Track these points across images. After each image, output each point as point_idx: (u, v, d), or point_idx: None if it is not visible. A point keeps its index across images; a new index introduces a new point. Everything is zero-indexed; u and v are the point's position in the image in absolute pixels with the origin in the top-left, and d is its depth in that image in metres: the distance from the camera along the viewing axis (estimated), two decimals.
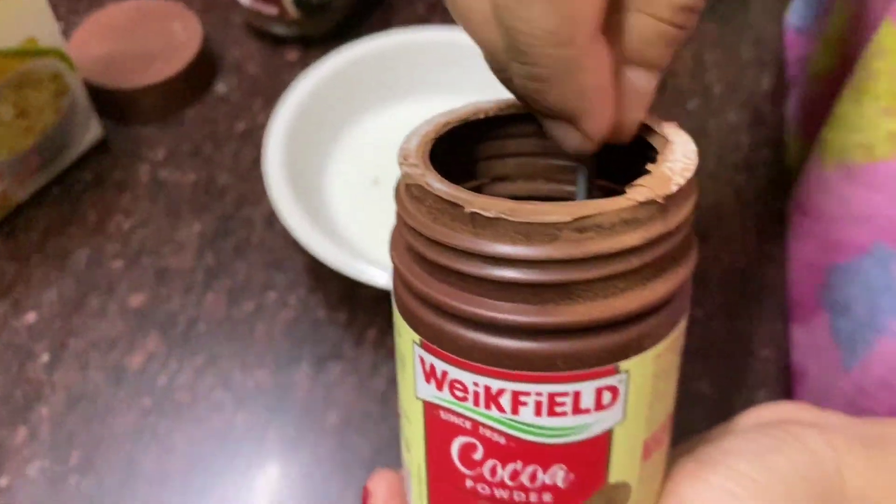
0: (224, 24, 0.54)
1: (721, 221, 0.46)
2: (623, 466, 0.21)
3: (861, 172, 0.38)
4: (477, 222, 0.18)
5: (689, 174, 0.19)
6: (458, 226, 0.18)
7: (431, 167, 0.20)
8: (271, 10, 0.51)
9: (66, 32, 0.52)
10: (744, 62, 0.53)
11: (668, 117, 0.22)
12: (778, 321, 0.42)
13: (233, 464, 0.38)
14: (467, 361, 0.19)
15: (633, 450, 0.21)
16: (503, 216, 0.18)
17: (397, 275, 0.21)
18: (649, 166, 0.19)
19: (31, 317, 0.42)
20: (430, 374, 0.20)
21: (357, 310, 0.42)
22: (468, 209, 0.18)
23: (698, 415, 0.39)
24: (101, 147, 0.48)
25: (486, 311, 0.18)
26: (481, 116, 0.23)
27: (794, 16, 0.53)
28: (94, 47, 0.49)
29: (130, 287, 0.43)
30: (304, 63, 0.52)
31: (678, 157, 0.20)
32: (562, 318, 0.18)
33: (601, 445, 0.20)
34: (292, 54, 0.53)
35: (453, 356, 0.19)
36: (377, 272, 0.38)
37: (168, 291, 0.43)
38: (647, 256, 0.18)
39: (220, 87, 0.51)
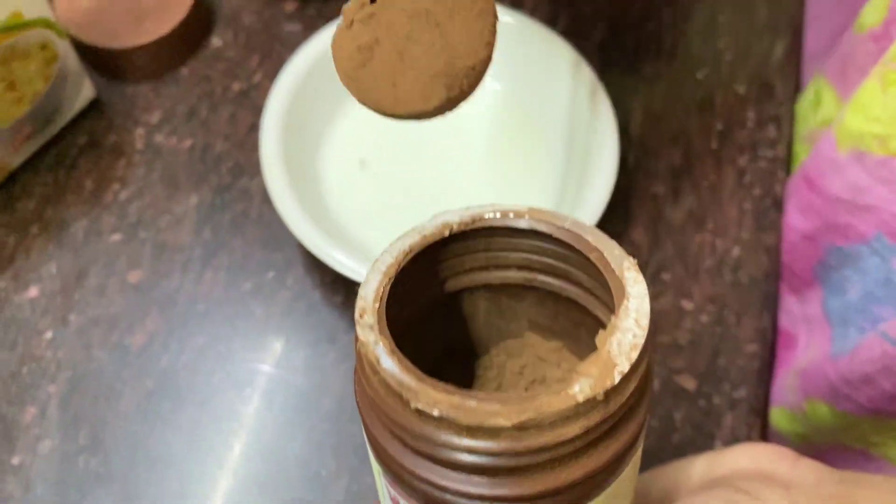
0: None
1: (719, 206, 0.46)
2: None
3: (874, 163, 0.37)
4: (422, 414, 0.18)
5: (636, 354, 0.19)
6: (406, 410, 0.19)
7: (386, 329, 0.20)
8: None
9: None
10: (758, 26, 0.51)
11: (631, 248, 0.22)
12: (765, 315, 0.43)
13: (232, 448, 0.39)
14: None
15: None
16: (446, 417, 0.18)
17: (360, 410, 0.21)
18: (598, 338, 0.19)
19: (33, 291, 0.43)
20: (394, 501, 0.22)
21: (352, 293, 0.43)
22: (413, 405, 0.18)
23: (678, 412, 0.41)
24: (94, 106, 0.47)
25: (437, 478, 0.19)
26: (447, 234, 0.22)
27: None
28: (83, 2, 0.47)
29: (129, 263, 0.43)
30: (301, 14, 0.50)
31: (629, 325, 0.19)
32: (510, 491, 0.19)
33: None
34: (290, 4, 0.51)
35: (411, 499, 0.20)
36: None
37: (166, 268, 0.43)
38: (591, 436, 0.19)
39: (216, 41, 0.50)
